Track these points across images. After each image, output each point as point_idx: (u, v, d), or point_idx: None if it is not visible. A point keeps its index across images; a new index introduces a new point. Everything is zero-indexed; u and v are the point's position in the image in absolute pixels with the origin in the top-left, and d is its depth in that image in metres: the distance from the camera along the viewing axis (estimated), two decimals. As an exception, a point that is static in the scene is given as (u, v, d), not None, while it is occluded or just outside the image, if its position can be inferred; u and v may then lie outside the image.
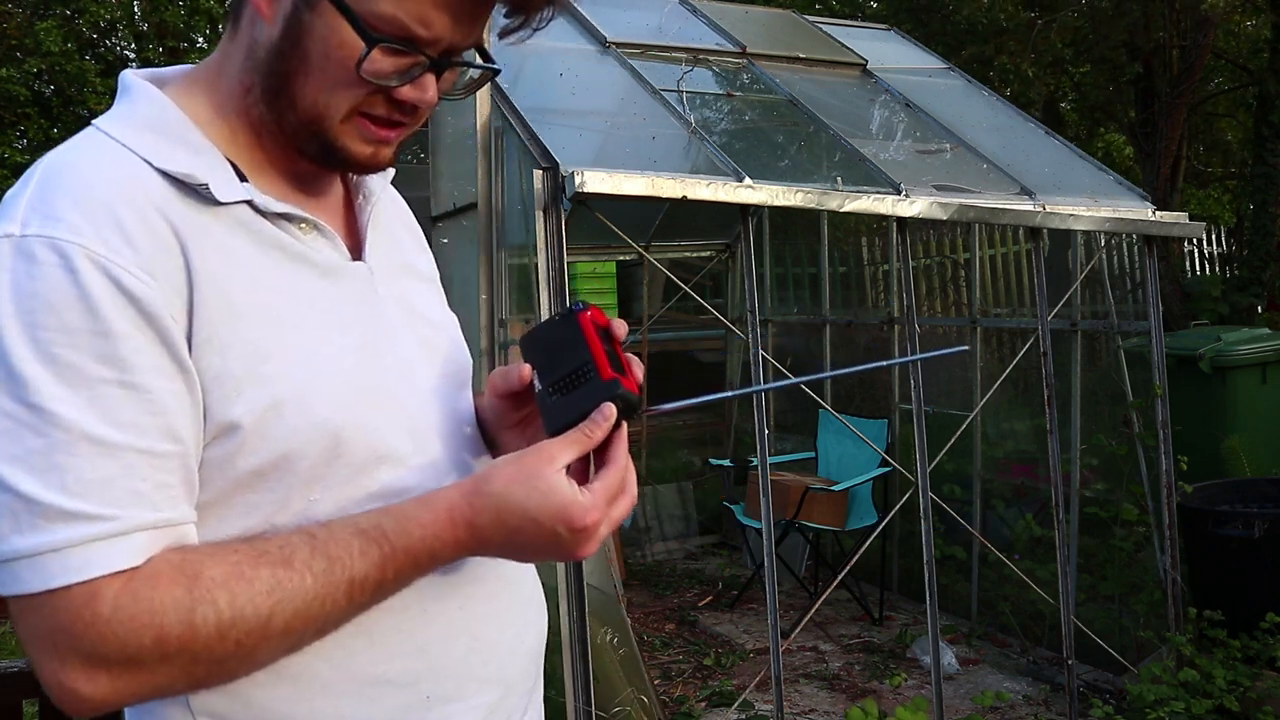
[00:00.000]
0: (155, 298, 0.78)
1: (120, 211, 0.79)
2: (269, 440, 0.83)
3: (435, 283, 1.10)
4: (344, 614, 0.84)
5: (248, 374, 0.82)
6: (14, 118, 7.91)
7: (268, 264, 0.87)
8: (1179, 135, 7.66)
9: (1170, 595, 3.60)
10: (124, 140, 0.85)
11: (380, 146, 0.90)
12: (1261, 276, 6.84)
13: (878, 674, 3.89)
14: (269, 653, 0.82)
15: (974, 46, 7.72)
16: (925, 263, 5.18)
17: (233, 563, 0.79)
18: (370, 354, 0.91)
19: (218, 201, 0.85)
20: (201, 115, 0.90)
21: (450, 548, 0.86)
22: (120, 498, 0.76)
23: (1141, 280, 3.84)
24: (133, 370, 0.77)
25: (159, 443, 0.78)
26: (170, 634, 0.76)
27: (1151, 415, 3.74)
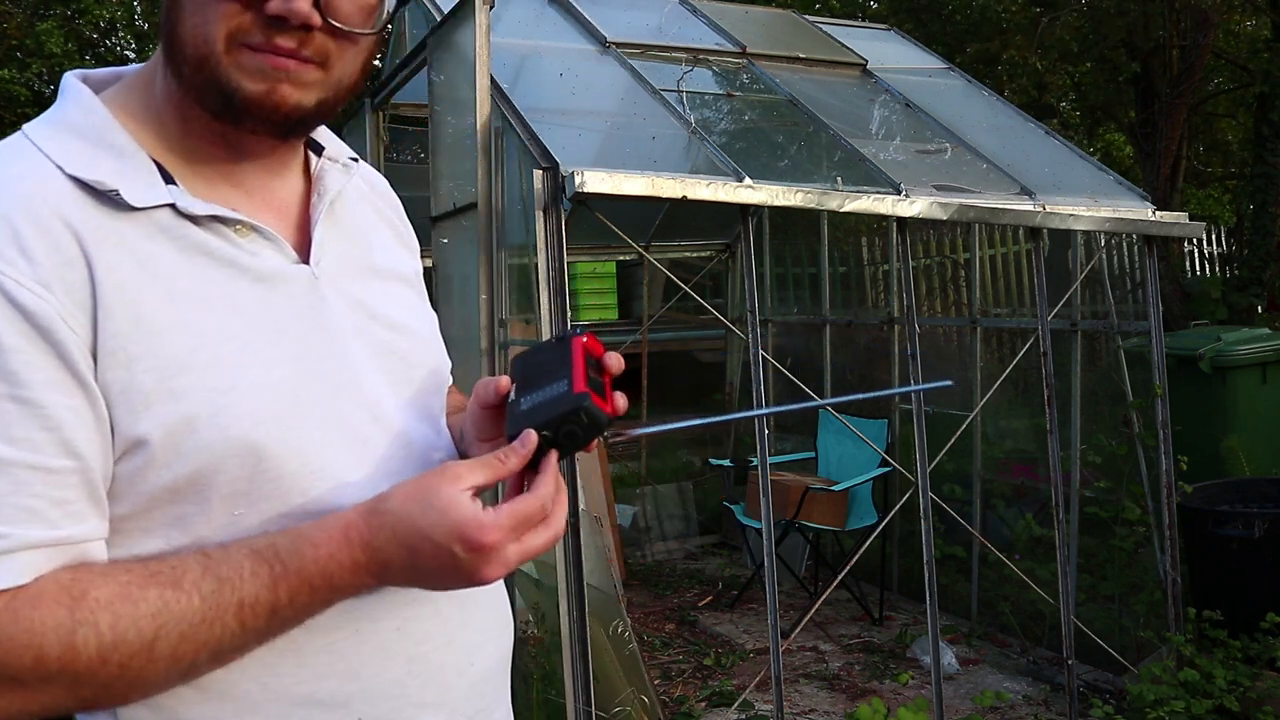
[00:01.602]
0: (50, 311, 0.76)
1: (18, 222, 0.77)
2: (181, 456, 0.80)
3: (409, 281, 1.04)
4: (239, 638, 0.79)
5: (157, 388, 0.79)
6: (14, 118, 7.91)
7: (191, 271, 0.83)
8: (1179, 135, 7.66)
9: (1170, 595, 3.60)
10: (42, 145, 0.82)
11: (275, 83, 0.82)
12: (1261, 276, 6.84)
13: (878, 674, 3.89)
14: (158, 676, 0.78)
15: (978, 44, 7.72)
16: (925, 263, 5.18)
17: (122, 583, 0.77)
18: (307, 364, 0.87)
19: (132, 207, 0.81)
20: (136, 114, 0.87)
21: (348, 571, 0.81)
22: (9, 515, 0.74)
23: (1141, 280, 3.84)
24: (24, 385, 0.75)
25: (54, 459, 0.76)
26: (49, 655, 0.74)
27: (1151, 415, 3.74)
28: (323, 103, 0.86)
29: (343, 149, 1.02)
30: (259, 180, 0.91)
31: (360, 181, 1.04)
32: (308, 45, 0.82)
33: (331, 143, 1.01)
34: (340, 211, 0.97)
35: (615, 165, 2.85)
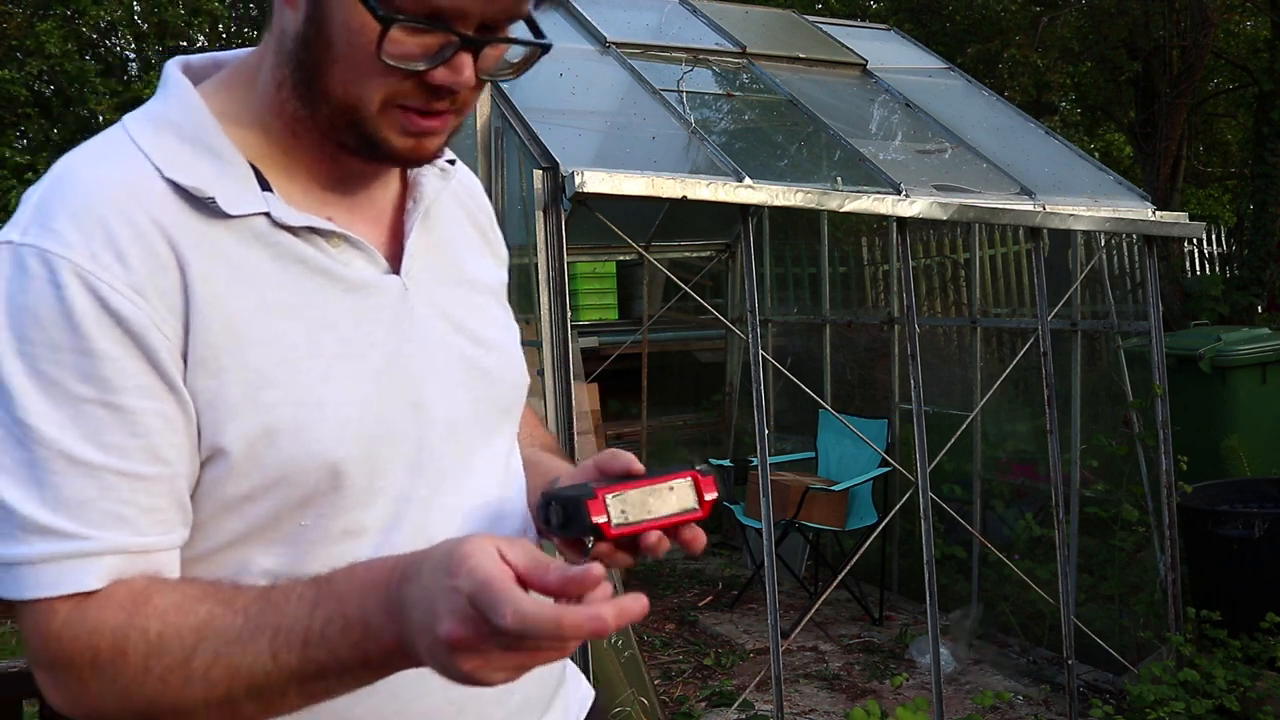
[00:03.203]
0: (143, 318, 0.75)
1: (115, 227, 0.76)
2: (260, 467, 0.79)
3: (495, 292, 1.01)
4: (270, 671, 0.73)
5: (243, 401, 0.78)
6: (14, 118, 7.91)
7: (284, 280, 0.82)
8: (1179, 135, 7.66)
9: (1170, 595, 3.60)
10: (142, 144, 0.82)
11: (422, 138, 0.82)
12: (1262, 276, 6.84)
13: (878, 674, 3.89)
14: (195, 700, 0.74)
15: (978, 44, 7.72)
16: (925, 263, 5.19)
17: (184, 594, 0.76)
18: (391, 381, 0.86)
19: (228, 215, 0.80)
20: (237, 116, 0.85)
21: (381, 606, 0.71)
22: (97, 519, 0.74)
23: (1141, 280, 3.84)
24: (115, 391, 0.75)
25: (143, 465, 0.76)
26: (103, 657, 0.73)
27: (1151, 415, 3.74)
28: (450, 136, 0.87)
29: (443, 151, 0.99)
30: (358, 188, 0.90)
31: (458, 185, 1.01)
32: (457, 100, 0.82)
33: None
34: (435, 219, 0.95)
35: (615, 165, 2.85)
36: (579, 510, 0.78)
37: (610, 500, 0.79)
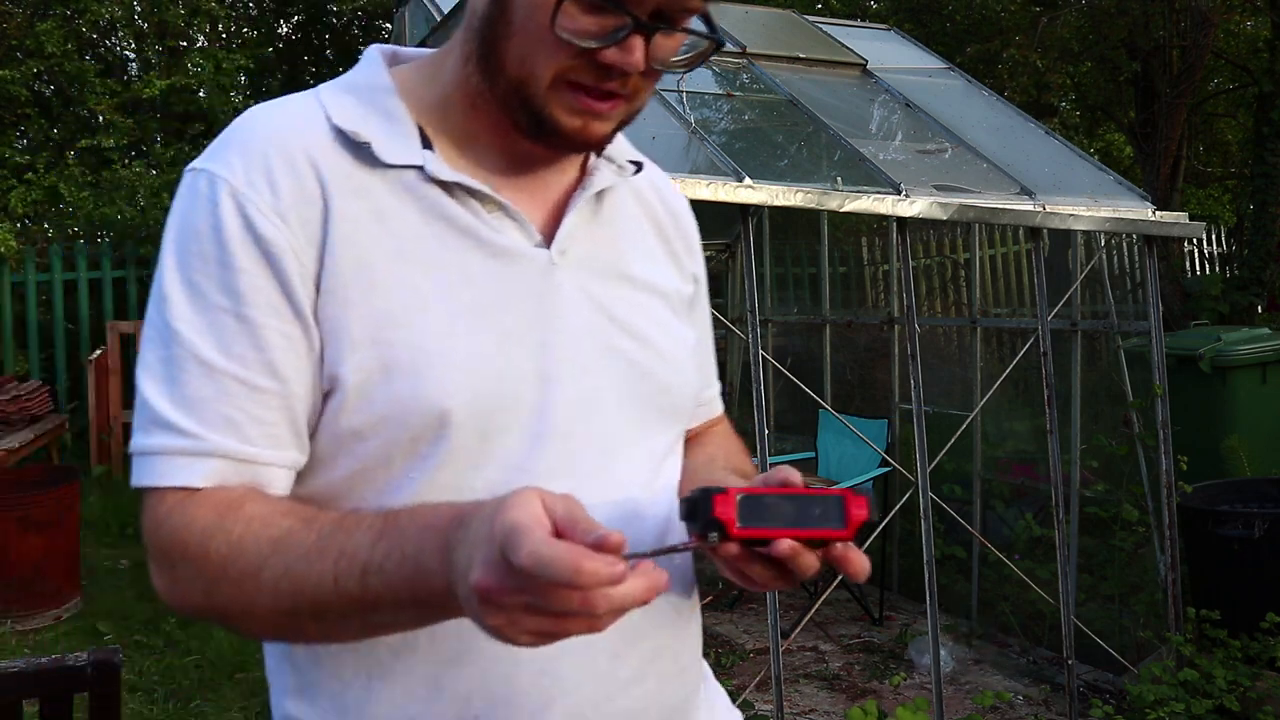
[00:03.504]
0: (281, 241, 0.81)
1: (273, 159, 0.83)
2: (371, 403, 0.81)
3: (667, 297, 0.98)
4: (331, 592, 0.74)
5: (366, 335, 0.81)
6: (14, 118, 7.91)
7: (427, 233, 0.85)
8: (1179, 135, 7.66)
9: (1170, 595, 3.60)
10: (323, 99, 0.88)
11: (590, 120, 0.84)
12: (1261, 276, 6.84)
13: (878, 674, 3.89)
14: (265, 609, 0.77)
15: (978, 44, 7.72)
16: (925, 263, 5.19)
17: (272, 508, 0.79)
18: (520, 348, 0.85)
19: (383, 163, 0.85)
20: (419, 92, 0.89)
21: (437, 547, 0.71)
22: (212, 420, 0.80)
23: (1141, 280, 3.84)
24: (246, 304, 0.80)
25: (260, 377, 0.80)
26: (190, 553, 0.78)
27: (1151, 415, 3.74)
28: (620, 126, 0.88)
29: (625, 151, 1.00)
30: (531, 171, 0.91)
31: (647, 189, 1.02)
32: (627, 85, 0.83)
33: (617, 143, 0.99)
34: (606, 210, 0.95)
35: (615, 165, 2.85)
36: (706, 503, 0.75)
37: (741, 499, 0.76)
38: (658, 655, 0.92)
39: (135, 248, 7.30)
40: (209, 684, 3.70)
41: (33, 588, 4.23)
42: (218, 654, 3.86)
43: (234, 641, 3.91)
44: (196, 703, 3.54)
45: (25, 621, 4.22)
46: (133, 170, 7.37)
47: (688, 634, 0.98)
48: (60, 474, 4.58)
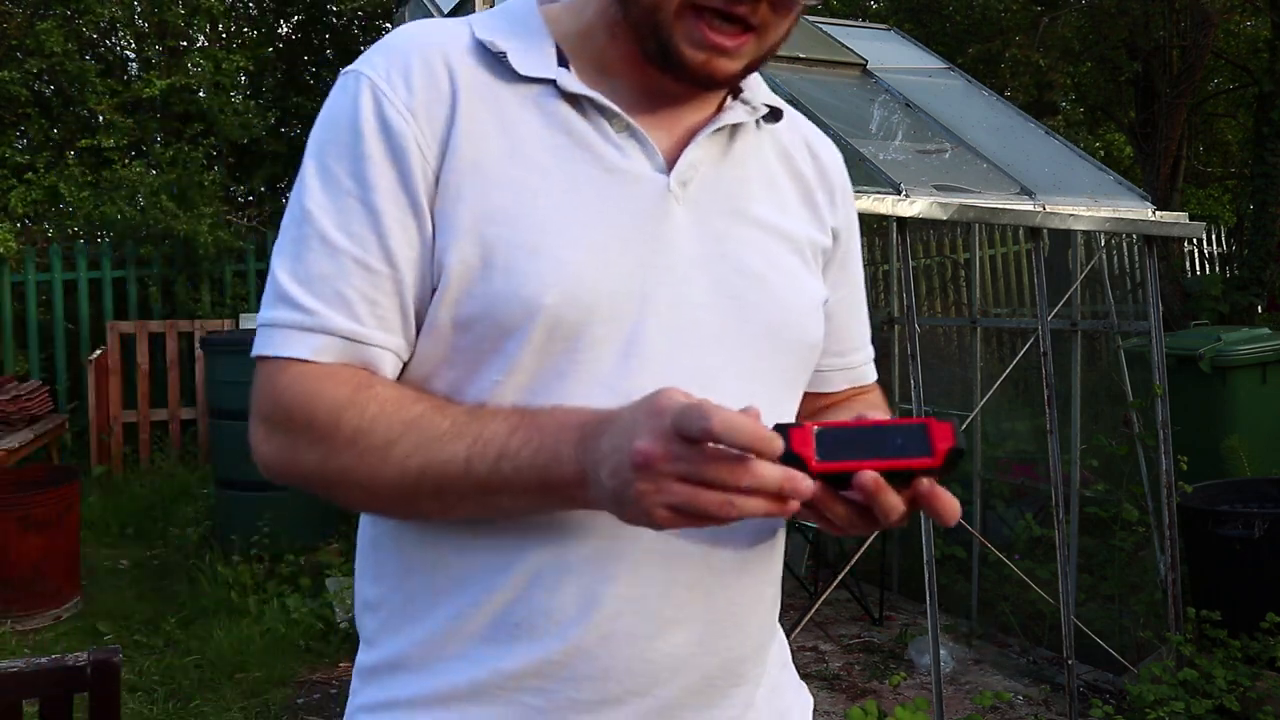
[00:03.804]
0: (408, 134, 0.85)
1: (412, 59, 0.88)
2: (471, 297, 0.85)
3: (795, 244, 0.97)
4: (461, 475, 0.80)
5: (471, 228, 0.85)
6: (14, 118, 7.91)
7: (547, 144, 0.87)
8: (1179, 135, 7.66)
9: (1170, 595, 3.60)
10: (471, 19, 0.93)
11: (714, 55, 0.85)
12: (1261, 276, 6.84)
13: (878, 674, 3.89)
14: (386, 484, 0.82)
15: (978, 44, 7.72)
16: (925, 263, 5.19)
17: (403, 392, 0.84)
18: (621, 262, 0.86)
19: (517, 74, 0.88)
20: (563, 22, 0.93)
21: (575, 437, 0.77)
22: (328, 296, 0.85)
23: (1141, 280, 3.84)
24: (372, 190, 0.85)
25: (375, 260, 0.85)
26: (318, 421, 0.83)
27: (1151, 415, 3.74)
28: (750, 65, 0.89)
29: (763, 97, 0.99)
30: (666, 106, 0.93)
31: (795, 140, 1.03)
32: (755, 14, 0.84)
33: (755, 89, 0.99)
34: (737, 150, 0.96)
35: (615, 165, 2.85)
36: (783, 439, 0.72)
37: (819, 432, 0.74)
38: (712, 605, 0.90)
39: (135, 248, 7.30)
40: (209, 684, 3.70)
41: (32, 588, 4.24)
42: (217, 654, 3.86)
43: (234, 642, 3.92)
44: (196, 703, 3.54)
45: (25, 621, 4.22)
46: (132, 170, 7.36)
47: (755, 594, 0.94)
48: (60, 474, 4.58)
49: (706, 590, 0.89)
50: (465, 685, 0.87)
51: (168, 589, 4.65)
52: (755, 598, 0.94)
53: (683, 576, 0.87)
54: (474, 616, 0.87)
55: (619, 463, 0.73)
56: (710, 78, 0.87)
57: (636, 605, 0.86)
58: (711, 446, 0.70)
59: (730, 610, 0.91)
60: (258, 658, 3.83)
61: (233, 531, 4.73)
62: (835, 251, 1.05)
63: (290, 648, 3.95)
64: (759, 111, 0.96)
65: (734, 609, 0.91)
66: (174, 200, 7.14)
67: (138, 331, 6.84)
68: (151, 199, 7.14)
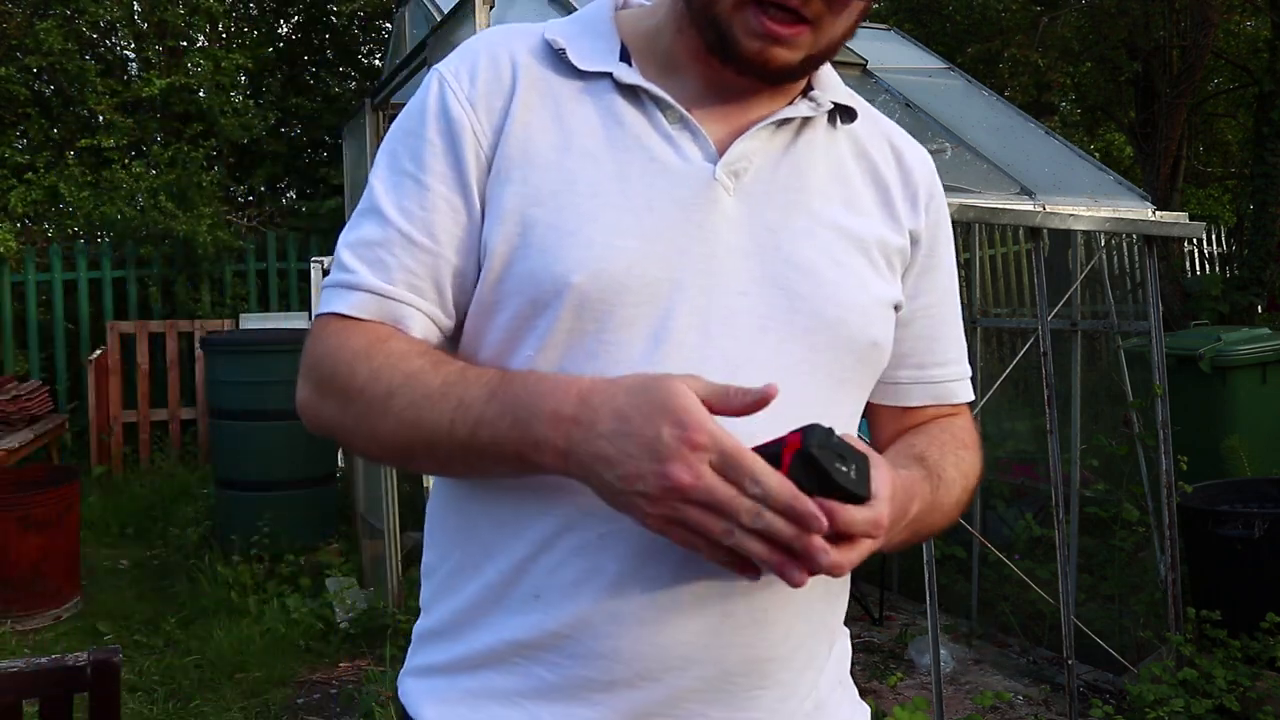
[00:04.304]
0: (466, 124, 0.91)
1: (481, 56, 0.94)
2: (510, 276, 0.88)
3: (860, 241, 0.95)
4: (446, 435, 0.83)
5: (514, 210, 0.88)
6: (14, 117, 7.91)
7: (599, 132, 0.91)
8: (1179, 135, 7.66)
9: (1170, 595, 3.60)
10: (547, 24, 0.97)
11: (769, 44, 0.86)
12: (1261, 276, 6.84)
13: (878, 674, 3.89)
14: (385, 434, 0.86)
15: (978, 44, 7.72)
16: (925, 263, 5.18)
17: (411, 347, 0.88)
18: (656, 248, 0.87)
19: (576, 69, 0.92)
20: (636, 22, 0.97)
21: (549, 417, 0.78)
22: (370, 259, 0.91)
23: (1141, 280, 3.84)
24: (426, 171, 0.91)
25: (418, 234, 0.90)
26: (340, 371, 0.88)
27: (1151, 415, 3.74)
28: (809, 59, 0.90)
29: (837, 96, 0.98)
30: (731, 100, 0.94)
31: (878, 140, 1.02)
32: (808, 7, 0.85)
33: (828, 87, 0.98)
34: (802, 145, 0.95)
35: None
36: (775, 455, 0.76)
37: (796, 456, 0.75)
38: (730, 596, 0.87)
39: (135, 248, 7.30)
40: (209, 684, 3.70)
41: (32, 588, 4.24)
42: (217, 654, 3.86)
43: (234, 641, 3.92)
44: (196, 703, 3.54)
45: (25, 621, 4.22)
46: (131, 172, 7.36)
47: (785, 594, 0.88)
48: (60, 474, 4.58)
49: (725, 581, 0.85)
50: (486, 651, 0.90)
51: (168, 589, 4.65)
52: (785, 597, 0.89)
53: (699, 564, 0.82)
54: (499, 586, 0.90)
55: (639, 473, 0.74)
56: (765, 66, 0.88)
57: (646, 586, 0.85)
58: (745, 460, 0.73)
59: (750, 605, 0.88)
60: (258, 658, 3.83)
61: (233, 531, 4.73)
62: (916, 257, 1.02)
63: (290, 648, 3.95)
64: (824, 108, 0.96)
65: (756, 604, 0.88)
66: (172, 201, 7.14)
67: (138, 331, 6.84)
68: (150, 199, 7.15)
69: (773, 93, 0.94)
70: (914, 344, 1.04)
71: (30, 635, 4.16)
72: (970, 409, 1.13)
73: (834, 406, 0.93)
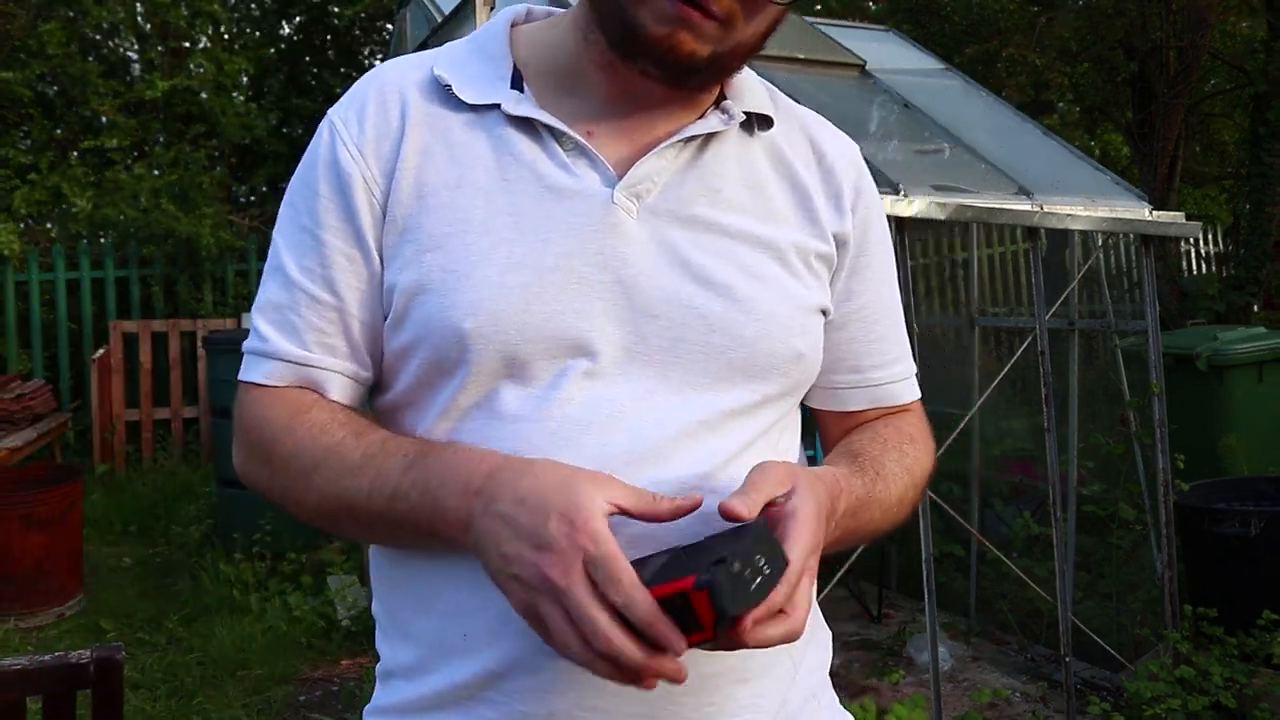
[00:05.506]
0: (356, 174, 0.89)
1: (370, 99, 0.91)
2: (410, 322, 0.87)
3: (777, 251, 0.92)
4: (366, 507, 0.83)
5: (412, 257, 0.87)
6: (17, 118, 7.93)
7: (491, 165, 0.88)
8: (1176, 135, 7.67)
9: (1167, 593, 3.62)
10: (441, 50, 0.95)
11: (679, 29, 0.81)
12: (1258, 275, 6.85)
13: (876, 671, 3.91)
14: (311, 504, 0.88)
15: (976, 45, 7.73)
16: (924, 262, 5.20)
17: (332, 418, 0.88)
18: (557, 281, 0.85)
19: (463, 102, 0.90)
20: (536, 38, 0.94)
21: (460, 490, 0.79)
22: (280, 323, 0.91)
23: (1138, 279, 3.86)
24: (321, 227, 0.90)
25: (321, 292, 0.90)
26: (265, 443, 0.89)
27: (1148, 414, 3.76)
28: (716, 57, 0.84)
29: (753, 103, 0.95)
30: (637, 111, 0.90)
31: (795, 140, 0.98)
32: (718, 2, 0.81)
33: (743, 96, 0.95)
34: (709, 158, 0.92)
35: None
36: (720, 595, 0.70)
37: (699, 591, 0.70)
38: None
39: (138, 247, 7.32)
40: (211, 681, 3.72)
41: (36, 585, 4.26)
42: (220, 651, 3.88)
43: (236, 639, 3.93)
44: (199, 700, 3.56)
45: (28, 619, 4.24)
46: (134, 172, 7.38)
47: None
48: (63, 472, 4.60)
49: None
50: (434, 695, 0.89)
51: (170, 587, 4.66)
52: None
53: None
54: (434, 631, 0.89)
55: (518, 555, 0.74)
56: (673, 53, 0.82)
57: None
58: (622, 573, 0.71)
59: None
60: (260, 655, 3.85)
61: (235, 529, 4.75)
62: (844, 259, 0.99)
63: (292, 645, 3.97)
64: (736, 119, 0.92)
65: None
66: (174, 203, 7.16)
67: (140, 331, 6.86)
68: (152, 200, 7.17)
69: (681, 104, 0.91)
70: (849, 347, 1.02)
71: (33, 633, 4.18)
72: (921, 404, 1.12)
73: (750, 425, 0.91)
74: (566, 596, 0.71)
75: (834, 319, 0.99)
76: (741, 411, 0.90)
